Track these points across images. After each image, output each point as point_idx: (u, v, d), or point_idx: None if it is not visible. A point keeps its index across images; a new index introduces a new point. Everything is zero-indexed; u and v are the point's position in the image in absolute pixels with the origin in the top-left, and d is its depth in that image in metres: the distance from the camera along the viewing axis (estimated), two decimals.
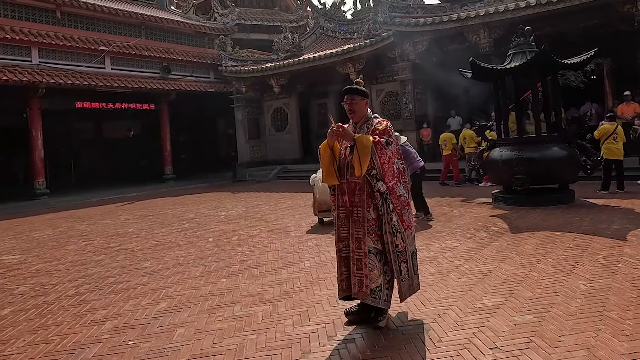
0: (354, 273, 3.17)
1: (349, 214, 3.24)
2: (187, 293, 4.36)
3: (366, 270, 3.12)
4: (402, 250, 3.16)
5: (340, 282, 3.30)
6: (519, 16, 11.36)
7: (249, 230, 7.51)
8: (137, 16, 18.20)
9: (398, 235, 3.13)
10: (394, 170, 3.19)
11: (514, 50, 8.31)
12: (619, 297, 3.46)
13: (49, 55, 15.60)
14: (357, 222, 3.18)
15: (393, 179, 3.17)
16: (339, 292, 3.37)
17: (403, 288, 3.20)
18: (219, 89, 19.82)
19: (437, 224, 6.83)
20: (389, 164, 3.15)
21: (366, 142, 3.08)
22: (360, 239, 3.15)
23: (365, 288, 3.11)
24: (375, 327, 3.22)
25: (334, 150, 3.26)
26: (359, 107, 3.30)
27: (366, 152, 3.05)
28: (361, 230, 3.16)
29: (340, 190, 3.29)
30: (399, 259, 3.15)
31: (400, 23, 13.44)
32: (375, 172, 3.12)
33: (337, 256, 3.33)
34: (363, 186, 3.18)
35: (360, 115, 3.32)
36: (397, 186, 3.18)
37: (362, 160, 3.05)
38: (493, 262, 4.65)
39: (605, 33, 11.13)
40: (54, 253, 6.78)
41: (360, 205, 3.18)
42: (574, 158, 7.82)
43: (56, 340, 3.42)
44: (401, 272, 3.16)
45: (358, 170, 3.07)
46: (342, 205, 3.28)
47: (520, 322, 3.15)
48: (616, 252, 4.66)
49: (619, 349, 2.68)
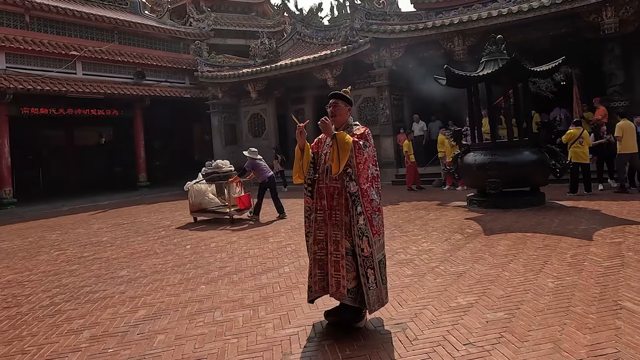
0: (331, 274, 3.23)
1: (326, 217, 3.31)
2: (166, 300, 4.34)
3: (343, 271, 3.18)
4: (367, 255, 3.18)
5: (314, 284, 3.34)
6: (492, 24, 11.75)
7: (227, 237, 7.49)
8: (110, 20, 17.90)
9: (364, 239, 3.18)
10: (369, 173, 3.28)
11: (487, 57, 8.60)
12: (584, 293, 3.65)
13: (17, 60, 15.18)
14: (335, 225, 3.26)
15: (367, 182, 3.26)
16: (309, 294, 3.41)
17: (371, 297, 3.17)
18: (194, 94, 19.67)
19: (413, 228, 6.98)
20: (364, 165, 3.24)
21: (347, 139, 3.18)
22: (338, 242, 3.22)
23: (342, 289, 3.18)
24: (354, 327, 3.29)
25: (304, 150, 3.37)
26: (340, 113, 3.41)
27: (346, 147, 3.15)
28: (339, 233, 3.23)
29: (320, 194, 3.37)
30: (366, 264, 3.18)
31: (377, 30, 13.68)
32: (350, 171, 3.21)
33: (312, 258, 3.37)
34: (341, 190, 3.27)
35: (341, 121, 3.42)
36: (371, 190, 3.27)
37: (341, 156, 3.14)
38: (467, 263, 4.81)
39: (573, 41, 11.64)
40: (25, 264, 6.59)
41: (339, 208, 3.26)
42: (545, 162, 8.13)
43: (32, 351, 3.35)
44: (368, 278, 3.16)
45: (336, 168, 3.17)
46: (321, 209, 3.35)
47: (492, 319, 3.28)
48: (583, 251, 4.89)
49: (582, 341, 2.84)
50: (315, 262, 3.33)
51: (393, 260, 5.16)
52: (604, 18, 10.79)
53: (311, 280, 3.37)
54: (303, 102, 18.16)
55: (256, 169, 8.96)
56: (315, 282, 3.33)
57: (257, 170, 8.95)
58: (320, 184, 3.37)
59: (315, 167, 3.47)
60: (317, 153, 3.50)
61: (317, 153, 3.50)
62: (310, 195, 3.46)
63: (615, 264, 4.37)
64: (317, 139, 3.59)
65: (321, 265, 3.31)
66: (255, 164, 8.96)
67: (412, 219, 7.67)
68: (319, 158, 3.46)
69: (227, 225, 8.57)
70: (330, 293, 3.25)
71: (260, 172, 8.95)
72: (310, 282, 3.37)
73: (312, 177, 3.44)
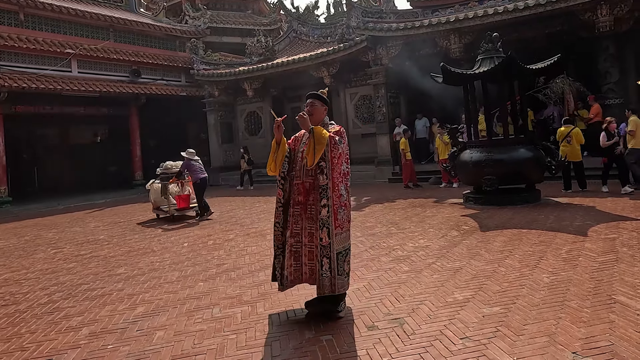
0: (305, 263, 3.44)
1: (302, 211, 3.46)
2: (165, 297, 4.35)
3: (316, 260, 3.36)
4: (325, 245, 3.33)
5: (290, 274, 3.48)
6: (488, 22, 11.78)
7: (224, 235, 7.50)
8: (105, 18, 17.82)
9: (324, 230, 3.33)
10: (342, 169, 3.44)
11: (483, 55, 8.64)
12: (579, 288, 3.70)
13: (12, 59, 15.09)
14: (310, 218, 3.43)
15: (340, 176, 3.42)
16: (286, 282, 3.51)
17: (323, 282, 3.34)
18: (190, 92, 19.61)
19: (410, 225, 7.02)
20: (339, 160, 3.41)
21: (324, 134, 3.35)
22: (313, 234, 3.41)
23: (317, 275, 3.36)
24: (335, 316, 3.42)
25: (280, 144, 3.52)
26: (316, 112, 3.58)
27: (322, 142, 3.31)
28: (314, 226, 3.41)
29: (297, 190, 3.52)
30: (322, 252, 3.33)
31: (374, 28, 13.69)
32: (323, 165, 3.36)
33: (288, 251, 3.50)
34: (316, 186, 3.41)
35: (317, 120, 3.57)
36: (340, 186, 3.42)
37: (317, 149, 3.30)
38: (464, 259, 4.85)
39: (568, 40, 11.70)
40: (22, 262, 6.58)
41: (314, 203, 3.43)
42: (540, 159, 8.18)
43: (32, 348, 3.36)
44: (322, 266, 3.33)
45: (311, 160, 3.32)
46: (297, 204, 3.50)
47: (489, 313, 3.32)
48: (577, 247, 4.94)
49: (576, 334, 2.88)
50: (290, 254, 3.49)
51: (390, 256, 5.20)
52: (599, 16, 10.85)
53: (287, 270, 3.50)
54: (299, 100, 18.13)
55: (190, 170, 9.42)
56: (290, 272, 3.49)
57: (191, 170, 9.42)
58: (297, 180, 3.53)
59: (291, 163, 3.61)
60: (293, 149, 3.65)
61: (293, 149, 3.65)
62: (281, 187, 3.60)
63: (609, 259, 4.43)
64: (294, 137, 3.74)
65: (296, 257, 3.48)
66: (190, 164, 9.42)
67: (408, 216, 7.71)
68: (296, 155, 3.61)
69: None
70: (304, 280, 3.46)
71: (193, 172, 9.39)
72: (287, 272, 3.50)
73: (285, 171, 3.58)
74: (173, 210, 9.57)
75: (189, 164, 9.42)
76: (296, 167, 3.56)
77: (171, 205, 9.58)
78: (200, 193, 9.43)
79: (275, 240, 3.61)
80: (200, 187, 9.40)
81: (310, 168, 3.38)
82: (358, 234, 6.50)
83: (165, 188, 9.79)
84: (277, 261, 3.60)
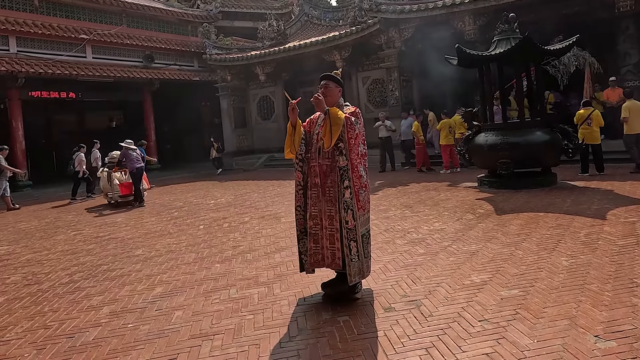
0: (327, 247, 3.38)
1: (320, 194, 3.41)
2: (182, 278, 4.42)
3: (338, 244, 3.33)
4: (351, 228, 3.28)
5: (310, 257, 3.47)
6: (503, 3, 11.47)
7: (239, 218, 7.56)
8: (118, 3, 17.83)
9: (349, 212, 3.28)
10: (359, 150, 3.39)
11: (499, 37, 8.43)
12: (599, 272, 3.64)
13: (28, 44, 15.23)
14: (329, 200, 3.37)
15: (358, 157, 3.37)
16: (307, 266, 3.51)
17: (352, 269, 3.29)
18: (203, 77, 19.62)
19: (424, 208, 6.98)
20: (355, 140, 3.35)
21: (339, 114, 3.30)
22: (333, 216, 3.35)
23: (338, 260, 3.33)
24: (352, 298, 3.42)
25: (295, 127, 3.45)
26: (331, 94, 3.49)
27: (338, 122, 3.26)
28: (333, 208, 3.36)
29: (313, 172, 3.47)
30: (349, 236, 3.29)
31: (386, 10, 13.45)
32: (342, 146, 3.30)
33: (308, 233, 3.48)
34: (333, 167, 3.37)
35: (332, 102, 3.48)
36: (359, 167, 3.37)
37: (333, 130, 3.25)
38: (480, 242, 4.81)
39: (586, 20, 11.34)
40: (43, 243, 6.74)
41: (332, 185, 3.38)
42: (556, 142, 8.02)
43: (54, 326, 3.45)
44: (350, 250, 3.28)
45: (328, 142, 3.27)
46: (314, 187, 3.45)
47: (507, 296, 3.30)
48: (596, 231, 4.86)
49: (598, 318, 2.84)
50: (310, 236, 3.46)
51: (405, 239, 5.19)
52: None
53: (308, 252, 3.48)
54: (312, 85, 18.00)
55: (127, 159, 10.08)
56: (310, 255, 3.47)
57: (127, 160, 10.07)
58: (312, 162, 3.48)
59: (307, 145, 3.56)
60: (309, 132, 3.59)
61: (309, 132, 3.59)
62: (300, 170, 3.55)
63: (630, 242, 4.35)
64: (309, 119, 3.68)
65: (316, 240, 3.44)
66: (127, 154, 10.10)
67: (422, 200, 7.67)
68: (311, 137, 3.55)
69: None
70: (326, 264, 3.41)
71: (129, 161, 10.04)
72: (309, 254, 3.48)
73: (303, 153, 3.53)
74: (117, 197, 10.15)
75: (126, 152, 10.11)
76: (312, 149, 3.51)
77: (115, 192, 10.14)
78: (137, 181, 10.05)
79: (298, 224, 3.56)
80: (135, 175, 9.99)
81: (327, 150, 3.34)
82: (372, 217, 6.41)
83: (109, 176, 10.38)
84: (302, 245, 3.55)
